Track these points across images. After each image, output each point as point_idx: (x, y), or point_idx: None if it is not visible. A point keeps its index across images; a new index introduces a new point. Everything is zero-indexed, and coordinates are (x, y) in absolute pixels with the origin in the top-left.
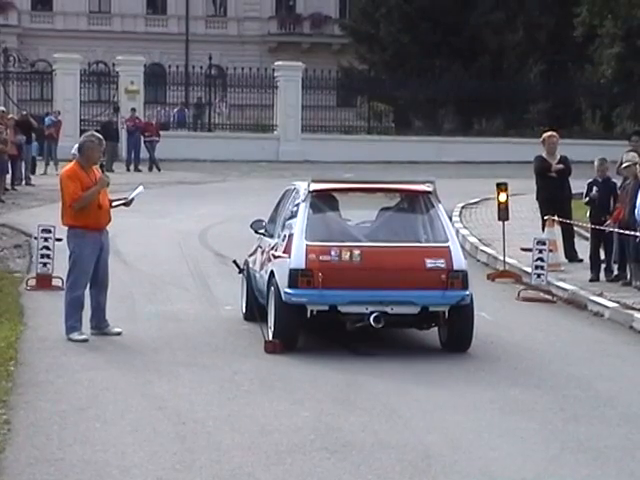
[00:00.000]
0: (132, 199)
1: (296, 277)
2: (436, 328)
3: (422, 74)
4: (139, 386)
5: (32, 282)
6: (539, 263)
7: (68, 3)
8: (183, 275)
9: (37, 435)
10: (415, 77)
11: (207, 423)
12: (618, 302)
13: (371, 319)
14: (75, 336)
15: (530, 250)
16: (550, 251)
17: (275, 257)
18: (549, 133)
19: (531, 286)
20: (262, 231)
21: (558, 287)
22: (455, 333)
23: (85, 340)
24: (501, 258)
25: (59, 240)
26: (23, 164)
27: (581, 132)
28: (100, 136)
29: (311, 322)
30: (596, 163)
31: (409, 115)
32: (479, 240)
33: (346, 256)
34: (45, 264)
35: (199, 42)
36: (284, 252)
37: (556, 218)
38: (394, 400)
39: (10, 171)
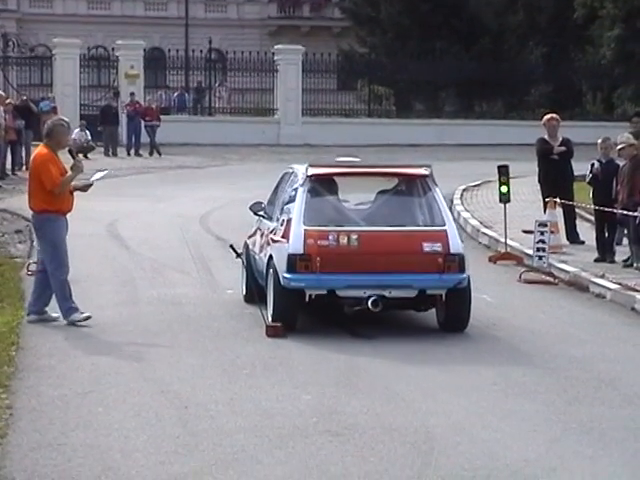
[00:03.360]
0: (91, 184)
1: (294, 262)
2: (434, 310)
3: (423, 57)
4: (141, 370)
5: (33, 267)
6: (540, 245)
7: None
8: (184, 259)
9: (39, 420)
10: (416, 60)
11: (209, 407)
12: (620, 284)
13: (369, 303)
14: (77, 316)
15: (531, 232)
16: (551, 233)
17: (274, 241)
18: (549, 116)
19: (533, 268)
20: (261, 213)
21: (560, 269)
22: (452, 315)
23: (88, 317)
24: (502, 240)
25: None
26: (23, 149)
27: (582, 114)
28: (66, 120)
29: (311, 305)
30: (599, 142)
31: (410, 98)
32: (480, 222)
33: (344, 240)
34: None
35: (199, 26)
36: (282, 237)
37: (557, 200)
38: (396, 383)
39: (10, 156)
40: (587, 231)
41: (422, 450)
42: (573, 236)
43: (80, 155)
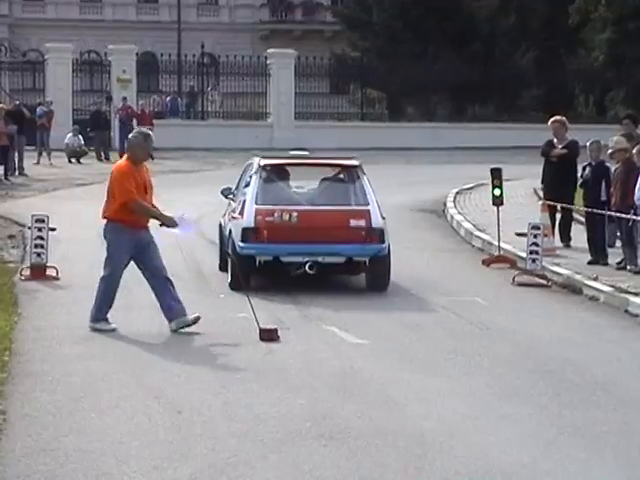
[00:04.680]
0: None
1: (247, 234)
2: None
3: (415, 60)
4: (134, 375)
5: (26, 272)
6: (534, 248)
7: None
8: (177, 264)
9: (33, 425)
10: (408, 63)
11: (202, 412)
12: (613, 286)
13: (306, 267)
14: (103, 326)
15: (525, 235)
16: (545, 236)
17: (233, 218)
18: (553, 118)
19: (526, 271)
20: (230, 196)
21: (553, 272)
22: (375, 278)
23: (114, 329)
24: (496, 243)
25: (53, 230)
26: (16, 154)
27: (574, 117)
28: (146, 132)
29: (261, 269)
30: (587, 145)
31: (402, 101)
32: (474, 225)
33: (286, 217)
34: (39, 254)
35: (191, 30)
36: (239, 214)
37: (552, 203)
38: (389, 387)
39: (2, 161)
40: (579, 233)
41: (416, 454)
42: (565, 238)
43: (73, 159)
